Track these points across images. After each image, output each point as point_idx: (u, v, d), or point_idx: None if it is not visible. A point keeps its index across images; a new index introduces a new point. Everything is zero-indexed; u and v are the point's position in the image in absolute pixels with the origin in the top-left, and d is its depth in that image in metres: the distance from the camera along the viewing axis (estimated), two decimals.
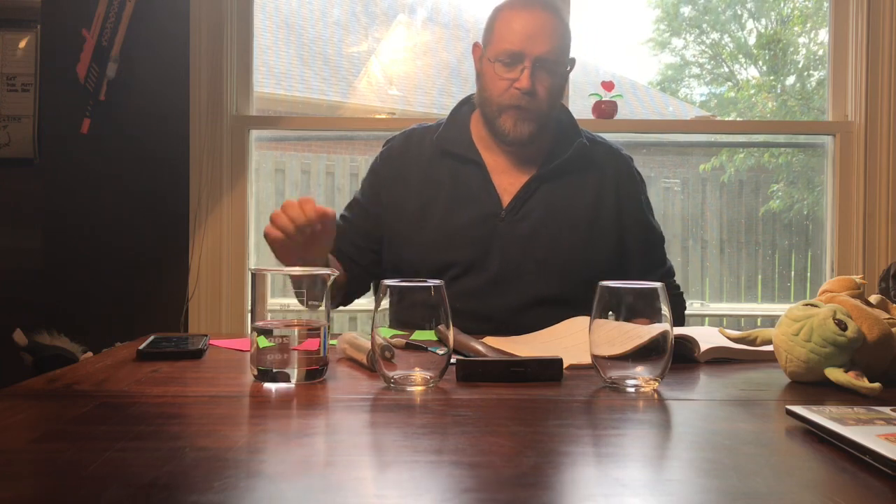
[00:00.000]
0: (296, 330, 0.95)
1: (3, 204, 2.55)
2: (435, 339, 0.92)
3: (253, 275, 0.98)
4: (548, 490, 0.58)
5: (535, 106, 1.50)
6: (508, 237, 1.51)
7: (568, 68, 1.56)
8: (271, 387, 0.93)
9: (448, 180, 1.55)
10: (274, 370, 0.94)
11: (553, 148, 1.57)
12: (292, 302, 1.02)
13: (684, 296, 1.70)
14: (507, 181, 1.55)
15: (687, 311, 1.77)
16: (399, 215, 1.57)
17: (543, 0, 1.52)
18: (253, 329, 0.96)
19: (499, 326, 1.42)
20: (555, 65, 1.49)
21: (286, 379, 0.94)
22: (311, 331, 0.96)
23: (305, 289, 0.98)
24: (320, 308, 0.97)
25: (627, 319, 0.91)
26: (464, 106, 1.65)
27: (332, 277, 0.99)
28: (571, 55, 1.55)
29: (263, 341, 0.94)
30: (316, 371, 0.96)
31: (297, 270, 1.01)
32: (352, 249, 1.58)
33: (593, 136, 1.66)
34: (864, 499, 0.57)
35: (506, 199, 1.54)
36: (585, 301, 1.00)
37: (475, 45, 1.58)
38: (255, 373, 0.95)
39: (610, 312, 0.92)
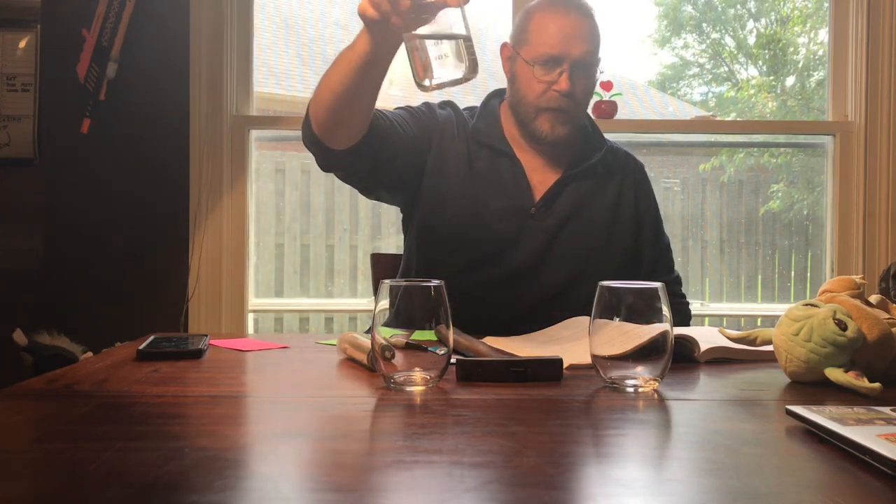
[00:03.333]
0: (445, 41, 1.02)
1: (3, 204, 2.55)
2: (435, 339, 0.92)
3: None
4: (548, 490, 0.58)
5: (572, 107, 1.53)
6: (536, 232, 1.53)
7: (599, 68, 1.57)
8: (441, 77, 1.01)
9: (485, 168, 1.55)
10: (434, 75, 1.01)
11: (581, 149, 1.60)
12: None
13: (685, 297, 1.70)
14: (538, 178, 1.57)
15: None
16: (439, 182, 1.53)
17: (577, 1, 1.53)
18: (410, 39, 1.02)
19: (517, 318, 1.43)
20: (590, 66, 1.52)
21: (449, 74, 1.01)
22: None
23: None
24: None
25: (627, 320, 0.91)
26: (492, 100, 1.65)
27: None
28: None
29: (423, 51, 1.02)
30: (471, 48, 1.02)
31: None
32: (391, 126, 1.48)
33: (612, 141, 1.68)
34: (864, 499, 0.57)
35: (537, 195, 1.55)
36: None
37: (504, 46, 1.58)
38: (430, 77, 1.02)
39: (615, 317, 0.92)
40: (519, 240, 1.52)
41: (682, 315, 1.63)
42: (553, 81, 1.49)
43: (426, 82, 1.02)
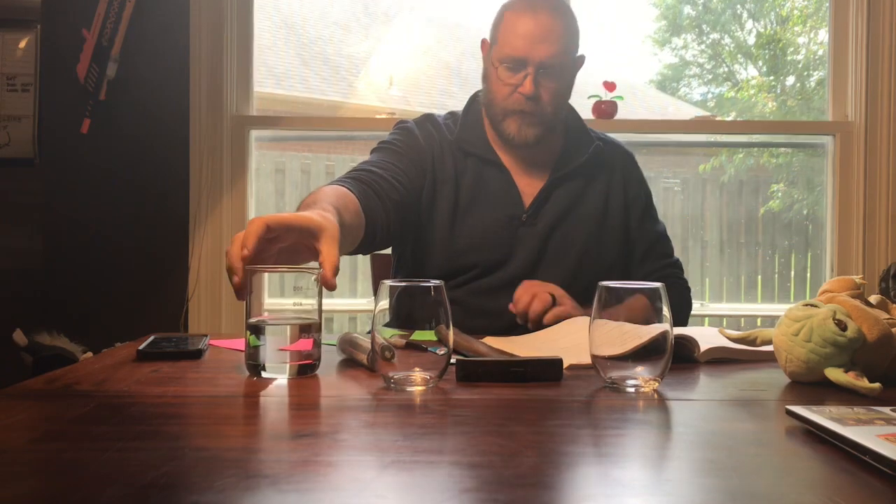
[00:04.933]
0: (288, 327, 0.96)
1: (3, 204, 2.55)
2: (435, 339, 0.92)
3: (247, 272, 0.98)
4: (548, 490, 0.58)
5: (538, 110, 1.49)
6: (528, 238, 1.52)
7: (575, 68, 1.54)
8: (265, 382, 0.94)
9: (472, 181, 1.54)
10: (266, 366, 0.96)
11: (565, 148, 1.58)
12: (289, 301, 1.03)
13: (687, 282, 1.70)
14: (525, 182, 1.56)
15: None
16: (431, 205, 1.52)
17: (550, 1, 1.50)
18: (247, 326, 0.97)
19: (513, 323, 1.43)
20: (559, 69, 1.48)
21: (278, 373, 0.96)
22: (304, 329, 0.97)
23: (301, 285, 0.99)
24: (313, 304, 0.98)
25: (628, 320, 0.91)
26: (475, 102, 1.63)
27: (318, 273, 0.98)
28: (580, 52, 1.54)
29: (255, 340, 0.96)
30: (308, 367, 0.97)
31: (287, 268, 1.03)
32: (390, 190, 1.44)
33: (599, 134, 1.67)
34: (864, 499, 0.57)
35: (527, 201, 1.54)
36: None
37: (483, 42, 1.57)
38: (248, 368, 0.97)
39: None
40: (512, 248, 1.51)
41: (684, 304, 1.61)
42: (518, 84, 1.47)
43: (256, 368, 0.96)
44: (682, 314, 1.61)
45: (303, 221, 0.99)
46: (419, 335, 0.92)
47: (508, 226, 1.51)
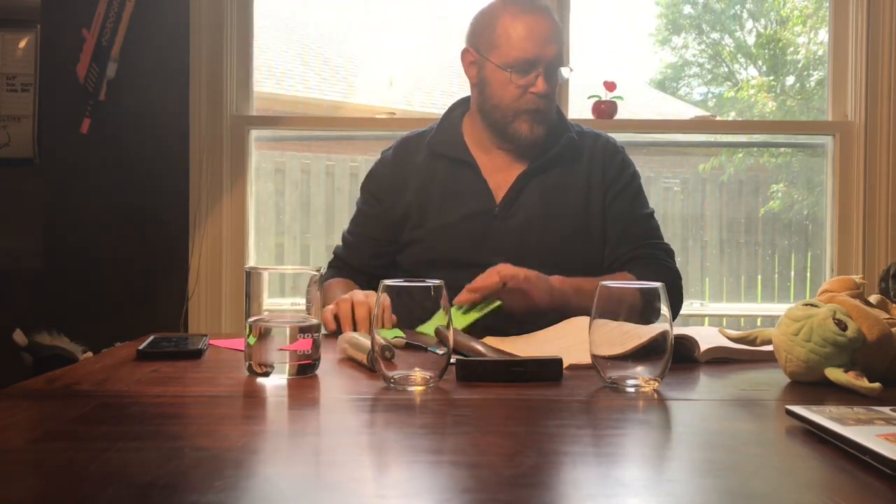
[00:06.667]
0: (287, 328, 0.97)
1: (3, 204, 2.55)
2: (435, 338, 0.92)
3: (248, 273, 0.99)
4: (548, 490, 0.58)
5: (549, 107, 1.56)
6: (503, 232, 1.54)
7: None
8: (265, 382, 0.95)
9: (442, 181, 1.59)
10: (265, 365, 0.96)
11: (544, 143, 1.59)
12: (287, 301, 1.04)
13: (683, 291, 1.68)
14: (500, 178, 1.59)
15: (687, 312, 1.76)
16: (398, 217, 1.60)
17: (538, 2, 1.55)
18: (247, 325, 0.98)
19: (502, 318, 1.43)
20: (561, 64, 1.54)
21: (278, 373, 0.96)
22: (303, 329, 0.97)
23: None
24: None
25: (627, 320, 0.92)
26: (456, 109, 1.69)
27: (319, 274, 1.01)
28: None
29: (255, 338, 0.97)
30: (307, 366, 0.98)
31: (290, 269, 1.05)
32: (370, 262, 1.63)
33: (581, 128, 1.68)
34: (864, 499, 0.57)
35: (499, 195, 1.57)
36: None
37: (466, 51, 1.59)
38: (248, 368, 0.98)
39: (615, 317, 0.92)
40: (487, 242, 1.53)
41: (674, 289, 1.54)
42: (530, 84, 1.51)
43: (255, 368, 0.98)
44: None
45: None
46: (422, 328, 0.92)
47: (479, 220, 1.55)
